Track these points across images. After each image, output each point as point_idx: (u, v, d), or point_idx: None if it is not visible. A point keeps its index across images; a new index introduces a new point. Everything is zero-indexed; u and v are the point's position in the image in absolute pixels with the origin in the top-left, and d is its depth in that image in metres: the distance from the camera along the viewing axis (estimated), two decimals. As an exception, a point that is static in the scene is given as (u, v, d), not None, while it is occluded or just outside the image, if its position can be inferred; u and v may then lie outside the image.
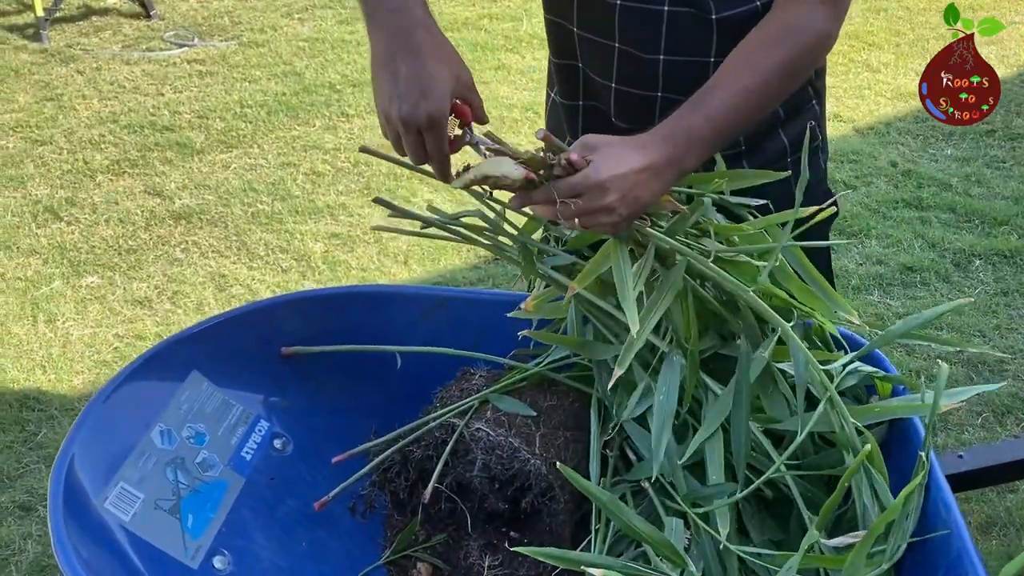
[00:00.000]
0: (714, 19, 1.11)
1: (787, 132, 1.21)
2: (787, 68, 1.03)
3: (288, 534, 1.07)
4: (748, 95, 1.02)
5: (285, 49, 4.23)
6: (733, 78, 1.02)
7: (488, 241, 1.11)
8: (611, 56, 1.16)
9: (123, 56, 4.17)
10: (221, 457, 1.08)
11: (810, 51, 1.05)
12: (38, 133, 3.51)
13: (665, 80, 1.15)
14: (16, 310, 2.56)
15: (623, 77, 1.17)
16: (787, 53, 1.03)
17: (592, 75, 1.21)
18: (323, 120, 3.61)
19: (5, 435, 2.13)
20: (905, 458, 0.95)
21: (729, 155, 1.17)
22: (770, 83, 1.03)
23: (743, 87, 1.01)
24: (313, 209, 3.04)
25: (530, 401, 1.10)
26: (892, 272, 2.65)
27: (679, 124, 0.99)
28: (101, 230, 2.93)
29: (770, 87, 1.03)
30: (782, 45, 1.03)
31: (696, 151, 1.00)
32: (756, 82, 1.02)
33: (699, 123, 0.99)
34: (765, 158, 1.21)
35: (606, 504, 0.87)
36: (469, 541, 1.09)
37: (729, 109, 1.00)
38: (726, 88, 1.01)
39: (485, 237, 1.11)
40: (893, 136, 3.43)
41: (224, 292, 2.64)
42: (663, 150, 0.96)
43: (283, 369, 1.19)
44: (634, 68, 1.16)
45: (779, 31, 1.04)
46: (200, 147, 3.41)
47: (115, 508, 0.95)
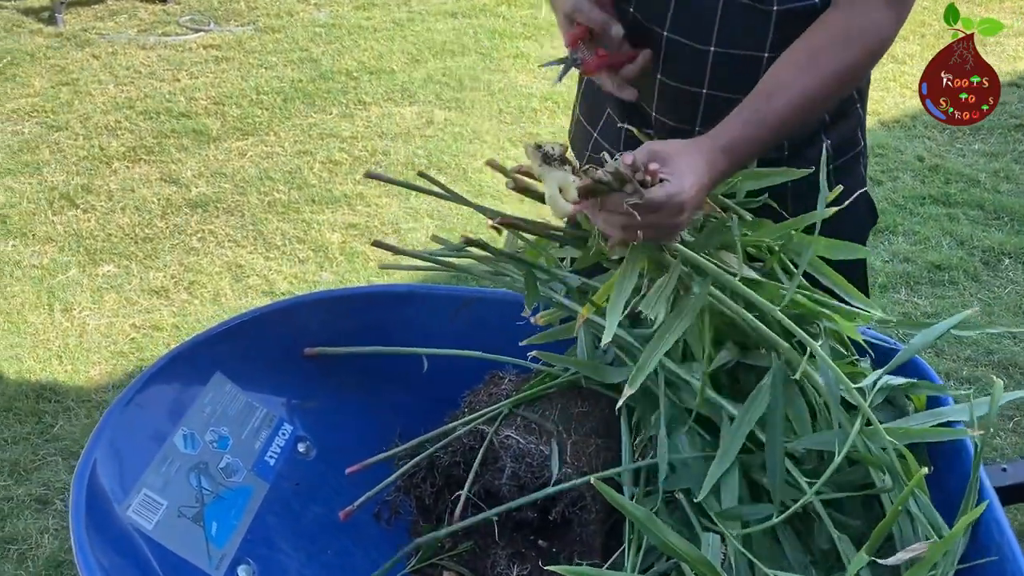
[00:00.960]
0: (775, 11, 1.05)
1: (830, 136, 1.17)
2: (849, 72, 1.00)
3: (314, 543, 1.05)
4: (810, 100, 0.98)
5: (302, 35, 4.20)
6: (798, 82, 0.98)
7: (490, 268, 1.08)
8: (659, 45, 1.12)
9: (139, 41, 4.14)
10: (245, 462, 1.06)
11: (872, 54, 1.01)
12: (54, 118, 3.49)
13: (712, 75, 1.10)
14: (32, 298, 2.55)
15: (669, 70, 1.13)
16: (851, 56, 0.99)
17: None
18: (340, 108, 3.58)
19: (22, 426, 2.11)
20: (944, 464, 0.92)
21: (771, 159, 1.13)
22: (831, 87, 0.99)
23: (805, 92, 0.97)
24: (330, 198, 3.01)
25: (560, 407, 1.07)
26: (920, 270, 2.61)
27: (743, 134, 0.96)
28: (117, 218, 2.91)
29: (831, 91, 1.00)
30: (846, 48, 0.99)
31: (752, 159, 0.98)
32: (818, 86, 0.98)
33: (763, 134, 0.96)
34: (807, 163, 1.17)
35: (642, 521, 0.84)
36: (497, 550, 1.07)
37: (790, 115, 0.97)
38: (789, 94, 0.97)
39: (488, 264, 1.08)
40: (919, 130, 3.37)
41: (241, 283, 2.62)
42: (725, 163, 0.94)
43: (307, 370, 1.16)
44: (681, 60, 1.11)
45: (843, 32, 1.00)
46: (216, 134, 3.38)
47: (138, 516, 0.93)
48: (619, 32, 1.07)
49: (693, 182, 0.89)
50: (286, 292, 2.56)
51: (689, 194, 0.88)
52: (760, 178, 1.02)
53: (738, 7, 1.06)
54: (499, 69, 3.91)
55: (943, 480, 0.94)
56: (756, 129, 0.96)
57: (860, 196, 1.22)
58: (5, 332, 2.42)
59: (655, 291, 0.91)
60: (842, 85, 1.01)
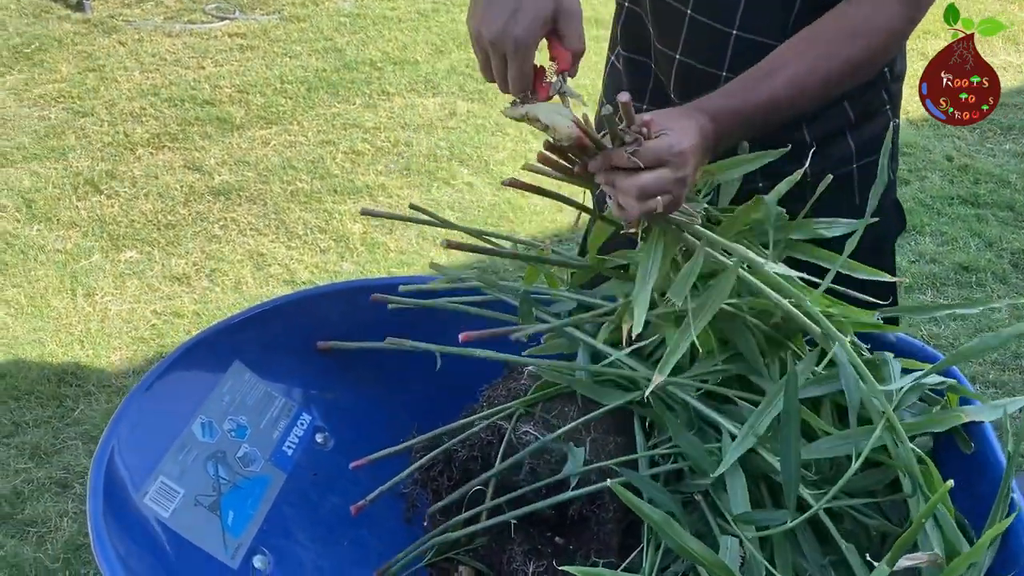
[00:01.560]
0: None
1: (855, 136, 1.15)
2: (851, 66, 0.97)
3: (330, 533, 1.04)
4: (804, 89, 0.95)
5: (326, 24, 4.20)
6: (794, 67, 0.95)
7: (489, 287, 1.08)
8: (681, 23, 1.09)
9: (165, 28, 4.15)
10: (263, 452, 1.06)
11: (880, 51, 0.98)
12: (80, 104, 3.51)
13: (733, 59, 1.08)
14: (56, 283, 2.56)
15: (689, 49, 1.11)
16: (855, 51, 0.96)
17: (658, 44, 1.14)
18: (363, 98, 3.58)
19: (43, 410, 2.13)
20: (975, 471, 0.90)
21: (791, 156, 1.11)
22: (830, 80, 0.96)
23: (801, 80, 0.95)
24: (352, 189, 3.01)
25: (580, 403, 1.06)
26: (946, 271, 2.57)
27: (728, 104, 0.93)
28: (141, 204, 2.92)
29: (829, 84, 0.97)
30: (852, 41, 0.96)
31: (737, 136, 0.94)
32: (816, 77, 0.95)
33: (749, 109, 0.93)
34: (830, 161, 1.14)
35: (659, 524, 0.83)
36: (513, 546, 1.06)
37: (783, 99, 0.94)
38: (784, 76, 0.95)
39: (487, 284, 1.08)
40: (949, 129, 3.32)
41: (262, 271, 2.63)
42: (712, 128, 0.91)
43: (326, 361, 1.16)
44: (703, 40, 1.09)
45: (852, 25, 0.97)
46: (240, 122, 3.39)
47: (155, 504, 0.93)
48: None
49: (692, 135, 0.87)
50: (307, 281, 2.56)
51: (689, 146, 0.86)
52: (738, 165, 0.99)
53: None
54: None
55: (974, 485, 0.92)
56: (742, 103, 0.93)
57: (887, 200, 1.20)
58: (29, 316, 2.44)
59: (681, 278, 0.89)
60: (843, 79, 0.98)
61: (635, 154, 0.84)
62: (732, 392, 0.96)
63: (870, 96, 1.13)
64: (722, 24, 1.07)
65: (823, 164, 1.13)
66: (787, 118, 0.99)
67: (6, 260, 2.65)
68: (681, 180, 0.86)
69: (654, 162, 0.84)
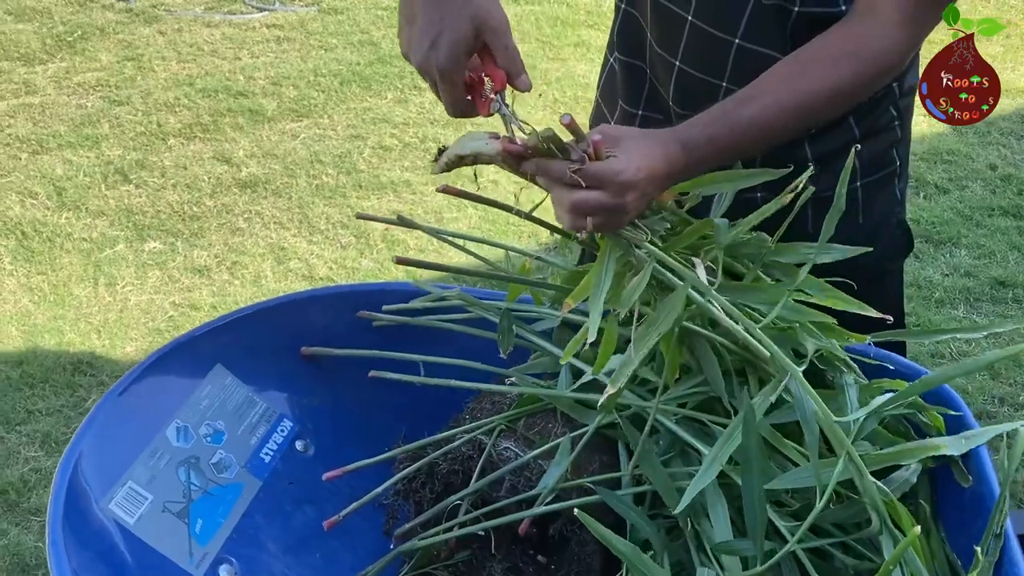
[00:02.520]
0: (795, 11, 0.99)
1: (860, 153, 1.10)
2: (837, 93, 0.92)
3: (303, 544, 1.03)
4: (785, 115, 0.91)
5: (364, 17, 4.19)
6: (773, 94, 0.91)
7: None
8: (681, 30, 1.06)
9: (204, 18, 4.19)
10: (239, 458, 1.04)
11: (869, 80, 0.93)
12: (116, 93, 3.55)
13: (733, 69, 1.04)
14: (79, 271, 2.59)
15: (689, 57, 1.07)
16: (842, 77, 0.91)
17: (658, 49, 1.11)
18: (395, 92, 3.56)
19: (57, 398, 2.15)
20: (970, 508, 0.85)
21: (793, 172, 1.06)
22: (813, 107, 0.92)
23: (782, 106, 0.91)
24: (377, 185, 3.00)
25: (564, 421, 1.03)
26: (981, 286, 2.48)
27: (703, 132, 0.90)
28: (168, 195, 2.95)
29: (812, 110, 0.92)
30: (838, 68, 0.91)
31: (713, 163, 0.91)
32: (797, 103, 0.91)
33: (724, 135, 0.89)
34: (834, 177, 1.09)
35: (627, 556, 0.79)
36: (493, 563, 1.04)
37: (761, 126, 0.90)
38: (762, 103, 0.91)
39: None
40: (995, 136, 3.21)
41: (282, 265, 2.63)
42: (682, 157, 0.88)
43: (310, 367, 1.14)
44: (703, 48, 1.05)
45: (841, 50, 0.92)
46: (271, 115, 3.40)
47: (120, 509, 0.92)
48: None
49: (642, 166, 0.83)
50: (325, 277, 2.56)
51: (634, 176, 0.83)
52: (733, 180, 0.95)
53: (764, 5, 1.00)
54: (558, 58, 3.85)
55: (968, 523, 0.87)
56: (720, 129, 0.89)
57: (893, 219, 1.15)
58: (51, 304, 2.47)
59: (628, 289, 0.87)
60: (827, 106, 0.93)
61: (577, 171, 0.83)
62: (707, 416, 0.92)
63: (878, 113, 1.08)
64: (724, 32, 1.03)
65: (827, 182, 1.08)
66: (770, 143, 0.95)
67: (33, 247, 2.68)
68: (617, 206, 0.83)
69: (592, 182, 0.82)
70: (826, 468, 0.79)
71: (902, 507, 0.80)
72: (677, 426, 0.93)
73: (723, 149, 0.90)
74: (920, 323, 2.32)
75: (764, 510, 0.78)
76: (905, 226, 1.16)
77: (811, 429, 0.79)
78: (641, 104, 1.15)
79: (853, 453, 0.77)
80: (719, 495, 0.89)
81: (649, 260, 0.86)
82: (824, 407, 0.79)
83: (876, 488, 0.78)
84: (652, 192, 0.87)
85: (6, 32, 3.98)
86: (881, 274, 1.11)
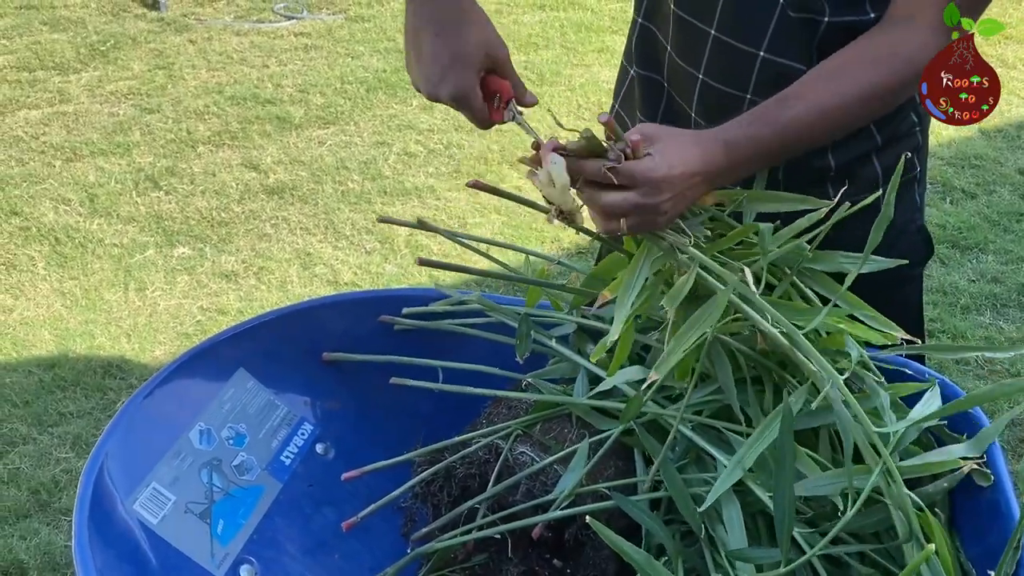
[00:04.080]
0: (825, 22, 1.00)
1: (882, 160, 1.10)
2: (876, 95, 0.93)
3: (322, 546, 1.04)
4: (826, 116, 0.92)
5: (390, 24, 4.23)
6: (814, 94, 0.92)
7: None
8: (704, 43, 1.06)
9: (234, 27, 4.25)
10: (260, 461, 1.06)
11: (906, 84, 0.95)
12: (148, 101, 3.61)
13: (758, 82, 1.05)
14: (110, 276, 2.64)
15: (712, 70, 1.07)
16: (881, 79, 0.93)
17: (679, 61, 1.11)
18: (420, 99, 3.59)
19: (87, 401, 2.19)
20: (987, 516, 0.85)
21: (816, 179, 1.06)
22: (852, 108, 0.93)
23: (823, 106, 0.92)
24: (402, 191, 3.03)
25: (581, 425, 1.04)
26: (1009, 292, 2.45)
27: (746, 132, 0.90)
28: (197, 201, 2.99)
29: (851, 112, 0.93)
30: (877, 69, 0.93)
31: (755, 164, 0.92)
32: (838, 103, 0.92)
33: (766, 135, 0.90)
34: (856, 187, 1.09)
35: (639, 563, 0.80)
36: (509, 566, 1.05)
37: (802, 127, 0.91)
38: (804, 103, 0.91)
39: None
40: (1023, 140, 3.18)
41: (308, 271, 2.66)
42: (723, 157, 0.88)
43: (331, 371, 1.15)
44: (727, 61, 1.06)
45: (878, 53, 0.94)
46: (299, 122, 3.44)
47: (144, 509, 0.94)
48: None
49: (677, 165, 0.84)
50: (349, 283, 2.59)
51: (669, 175, 0.84)
52: (777, 201, 0.95)
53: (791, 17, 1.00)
54: (582, 64, 3.86)
55: (984, 535, 0.87)
56: (761, 129, 0.90)
57: (912, 226, 1.15)
58: (83, 308, 2.52)
59: (675, 289, 0.87)
60: (867, 107, 0.95)
61: (611, 170, 0.83)
62: (722, 424, 0.92)
63: (899, 120, 1.08)
64: (748, 45, 1.04)
65: (849, 189, 1.08)
66: (809, 145, 0.96)
67: (66, 253, 2.74)
68: (651, 206, 0.84)
69: (624, 181, 0.83)
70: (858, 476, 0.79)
71: (934, 520, 0.80)
72: (693, 432, 0.93)
73: (765, 149, 0.91)
74: (945, 330, 2.30)
75: (793, 515, 0.78)
76: (925, 232, 1.16)
77: (849, 438, 0.79)
78: (659, 117, 1.16)
79: (891, 464, 0.77)
80: (734, 501, 0.89)
81: (693, 263, 0.86)
82: (866, 418, 0.79)
83: (910, 500, 0.78)
84: (690, 193, 0.87)
85: (41, 42, 4.06)
86: (901, 281, 1.11)
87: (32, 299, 2.53)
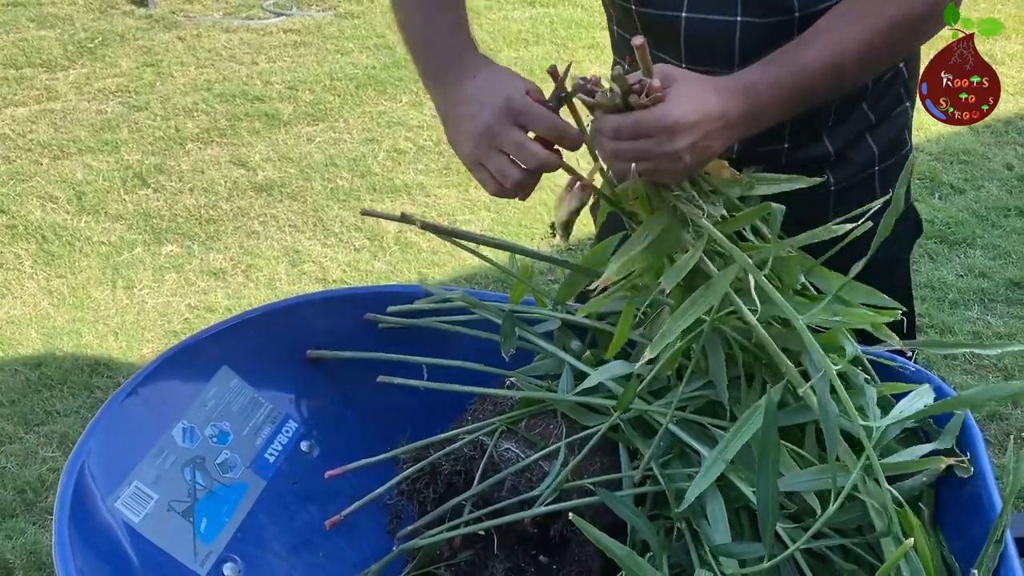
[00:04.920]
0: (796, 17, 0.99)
1: (876, 138, 1.09)
2: (892, 30, 0.92)
3: (306, 544, 1.04)
4: (845, 56, 0.90)
5: (380, 21, 4.22)
6: (832, 31, 0.91)
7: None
8: (678, 30, 1.01)
9: (223, 24, 4.23)
10: (243, 458, 1.06)
11: (917, 18, 0.93)
12: (136, 99, 3.59)
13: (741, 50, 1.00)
14: (98, 274, 2.63)
15: (693, 54, 1.02)
16: (894, 10, 0.91)
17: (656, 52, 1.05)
18: (410, 96, 3.59)
19: (74, 399, 2.18)
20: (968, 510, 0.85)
21: (814, 166, 1.06)
22: (871, 44, 0.91)
23: (842, 45, 0.90)
24: (391, 188, 3.02)
25: (567, 422, 1.04)
26: (996, 287, 2.46)
27: (765, 73, 0.89)
28: (185, 199, 2.98)
29: (868, 50, 0.92)
30: (891, 3, 0.91)
31: (777, 109, 0.90)
32: (852, 37, 0.90)
33: (787, 76, 0.89)
34: (853, 168, 1.09)
35: (622, 559, 0.80)
36: (495, 563, 1.04)
37: (823, 68, 0.90)
38: (823, 41, 0.90)
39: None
40: (1012, 136, 3.18)
41: (296, 268, 2.65)
42: (743, 101, 0.87)
43: (316, 369, 1.15)
44: (706, 39, 1.01)
45: None
46: (287, 119, 3.43)
47: (126, 508, 0.93)
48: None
49: (693, 109, 0.83)
50: (338, 280, 2.58)
51: (683, 120, 0.82)
52: (770, 183, 0.94)
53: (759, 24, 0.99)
54: (572, 59, 3.86)
55: (966, 527, 0.87)
56: (783, 71, 0.89)
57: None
58: (70, 306, 2.51)
59: (677, 265, 0.85)
60: (883, 46, 0.93)
61: (617, 128, 0.83)
62: (707, 420, 0.92)
63: (890, 96, 1.08)
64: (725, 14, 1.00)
65: (846, 170, 1.08)
66: (832, 90, 0.94)
67: (54, 251, 2.73)
68: (668, 154, 0.82)
69: (635, 134, 0.82)
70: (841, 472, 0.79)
71: (914, 517, 0.80)
72: (678, 428, 0.93)
73: (787, 93, 0.89)
74: (933, 325, 2.31)
75: (776, 509, 0.78)
76: (915, 210, 1.16)
77: (832, 432, 0.79)
78: None
79: (874, 459, 0.77)
80: (718, 496, 0.89)
81: (700, 241, 0.84)
82: (854, 412, 0.79)
83: (890, 495, 0.78)
84: (711, 142, 0.85)
85: (28, 39, 4.04)
86: (891, 262, 1.11)
87: (19, 297, 2.52)
